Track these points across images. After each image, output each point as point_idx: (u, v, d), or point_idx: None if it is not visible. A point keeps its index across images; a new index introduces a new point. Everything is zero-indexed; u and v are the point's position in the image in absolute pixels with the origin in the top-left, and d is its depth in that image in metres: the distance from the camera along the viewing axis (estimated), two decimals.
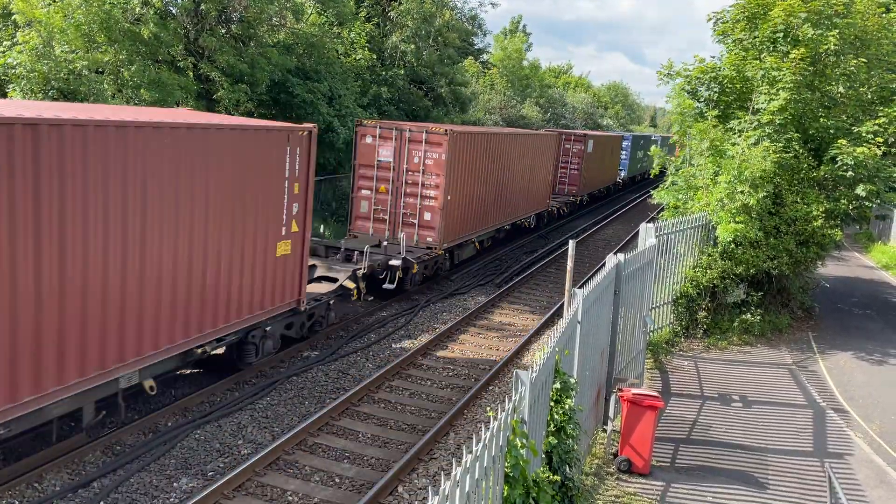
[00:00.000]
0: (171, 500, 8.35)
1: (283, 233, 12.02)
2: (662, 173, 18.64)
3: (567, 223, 31.80)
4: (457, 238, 19.15)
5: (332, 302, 14.27)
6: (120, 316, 8.92)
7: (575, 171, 33.04)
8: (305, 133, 12.25)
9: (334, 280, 14.88)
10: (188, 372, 11.78)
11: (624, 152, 44.50)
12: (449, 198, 17.93)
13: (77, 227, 8.14)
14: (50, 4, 16.13)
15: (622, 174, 44.75)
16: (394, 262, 16.20)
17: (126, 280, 8.93)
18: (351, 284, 15.12)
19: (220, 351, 11.44)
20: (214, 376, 11.67)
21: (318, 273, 15.18)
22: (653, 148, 18.44)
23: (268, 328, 12.01)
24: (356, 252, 16.06)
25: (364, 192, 18.19)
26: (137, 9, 17.58)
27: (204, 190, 10.08)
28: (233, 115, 19.07)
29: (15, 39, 15.33)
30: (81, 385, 8.52)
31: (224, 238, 10.63)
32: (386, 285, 16.18)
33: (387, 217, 18.10)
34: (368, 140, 17.91)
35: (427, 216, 17.87)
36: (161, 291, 9.56)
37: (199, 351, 10.45)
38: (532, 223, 26.30)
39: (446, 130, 17.67)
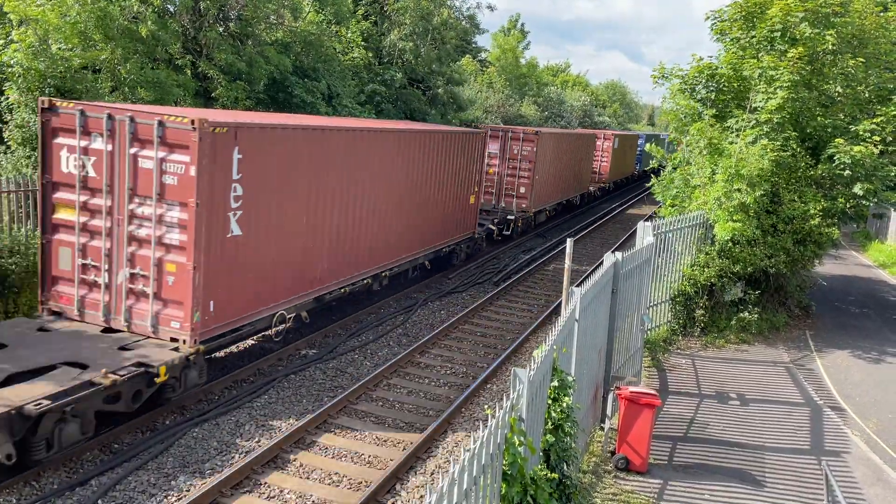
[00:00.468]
0: (169, 498, 8.35)
1: (474, 190, 20.68)
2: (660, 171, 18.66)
3: (600, 203, 40.52)
4: (542, 204, 27.36)
5: (484, 235, 22.71)
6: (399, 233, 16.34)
7: (605, 163, 40.38)
8: (482, 134, 20.63)
9: (483, 225, 22.70)
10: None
11: (639, 148, 51.89)
12: (536, 177, 25.82)
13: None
14: (44, 2, 16.09)
15: (637, 167, 52.25)
16: (510, 217, 24.83)
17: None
18: (493, 227, 23.46)
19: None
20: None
21: None
22: (648, 145, 18.48)
23: (462, 245, 20.56)
24: (486, 212, 24.30)
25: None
26: (136, 7, 17.53)
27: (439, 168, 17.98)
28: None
29: (10, 37, 15.29)
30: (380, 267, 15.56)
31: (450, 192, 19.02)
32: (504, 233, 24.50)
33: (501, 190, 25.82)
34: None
35: (521, 189, 25.65)
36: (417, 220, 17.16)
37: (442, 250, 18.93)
38: (577, 201, 35.06)
39: (536, 132, 25.44)
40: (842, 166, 15.44)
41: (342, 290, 13.97)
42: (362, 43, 28.86)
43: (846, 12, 16.14)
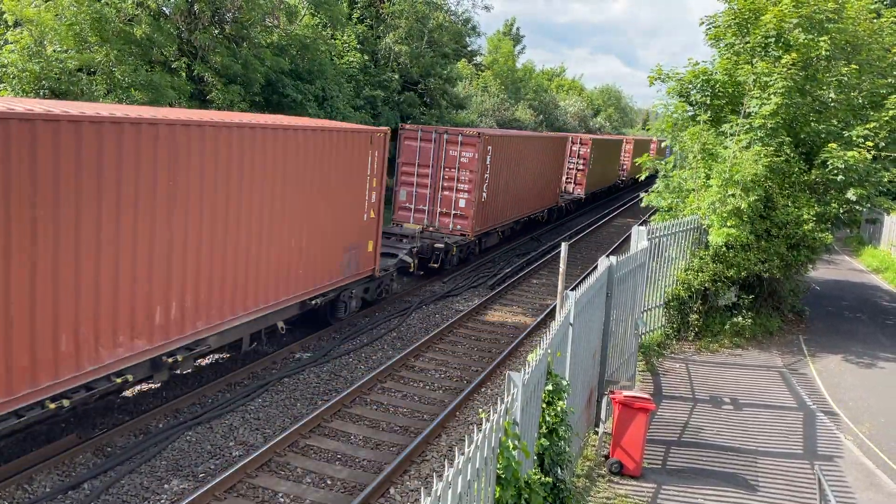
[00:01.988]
0: (162, 501, 8.32)
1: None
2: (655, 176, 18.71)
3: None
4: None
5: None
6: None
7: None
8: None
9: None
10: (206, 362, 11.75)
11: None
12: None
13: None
14: (41, 3, 16.06)
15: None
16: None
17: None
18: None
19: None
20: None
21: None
22: (644, 155, 18.52)
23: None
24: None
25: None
26: (131, 9, 17.52)
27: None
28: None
29: (5, 38, 15.26)
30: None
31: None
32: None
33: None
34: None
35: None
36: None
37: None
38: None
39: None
40: (835, 171, 15.50)
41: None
42: (358, 46, 28.87)
43: (840, 18, 16.22)
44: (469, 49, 49.82)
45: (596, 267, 10.43)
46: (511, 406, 5.90)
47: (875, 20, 17.30)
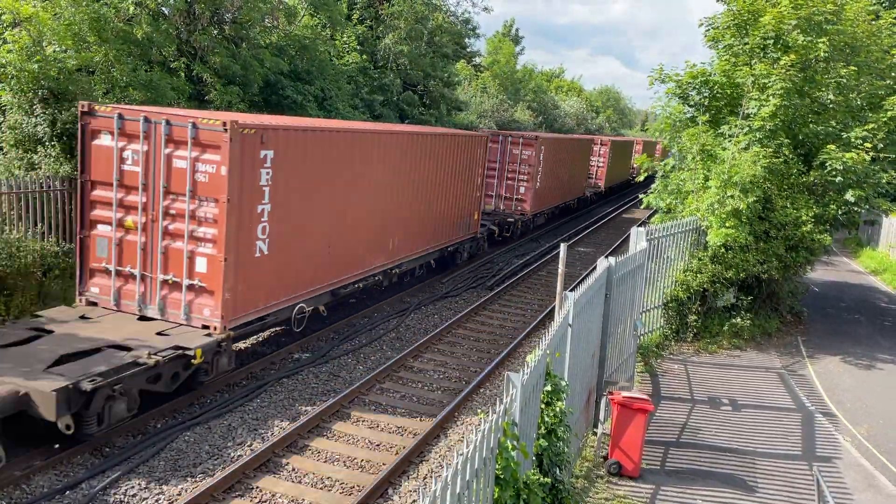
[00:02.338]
0: (160, 502, 8.31)
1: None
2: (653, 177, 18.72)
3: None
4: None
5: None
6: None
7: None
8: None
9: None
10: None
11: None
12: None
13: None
14: (39, 3, 16.04)
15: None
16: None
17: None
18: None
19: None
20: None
21: None
22: (637, 157, 18.55)
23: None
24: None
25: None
26: (131, 9, 17.49)
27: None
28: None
29: (3, 38, 15.23)
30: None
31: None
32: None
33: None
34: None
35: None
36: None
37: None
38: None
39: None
40: (834, 173, 15.52)
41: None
42: (357, 47, 28.86)
43: (838, 20, 16.24)
44: (468, 50, 49.83)
45: (595, 267, 10.44)
46: (510, 407, 5.90)
47: (874, 22, 17.33)
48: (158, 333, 10.46)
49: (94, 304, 11.38)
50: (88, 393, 8.60)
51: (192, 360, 10.07)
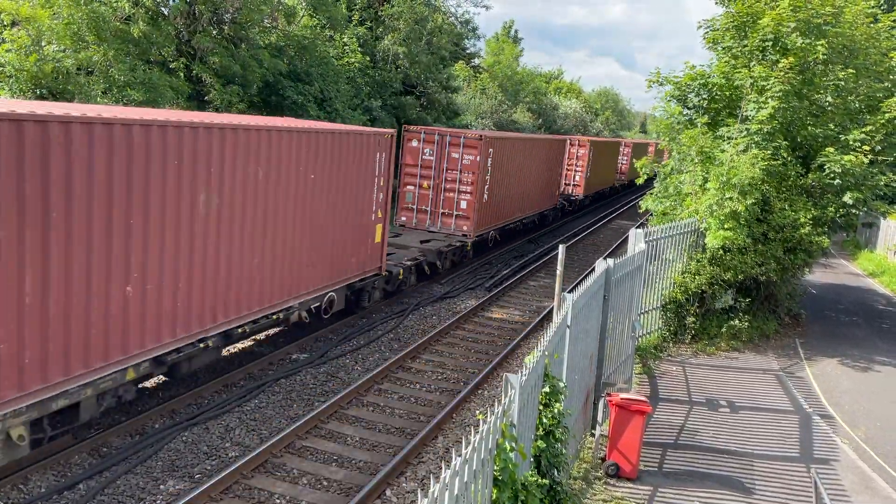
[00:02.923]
0: (158, 502, 8.30)
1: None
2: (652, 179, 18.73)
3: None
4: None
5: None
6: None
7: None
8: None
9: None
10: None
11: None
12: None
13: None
14: (38, 2, 16.04)
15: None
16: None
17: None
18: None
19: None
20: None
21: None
22: (643, 159, 18.53)
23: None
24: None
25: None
26: (127, 7, 17.50)
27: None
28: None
29: (2, 38, 15.23)
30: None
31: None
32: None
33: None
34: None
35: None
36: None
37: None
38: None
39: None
40: (832, 175, 15.54)
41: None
42: (358, 48, 28.87)
43: (837, 23, 16.27)
44: (467, 51, 49.85)
45: (593, 269, 10.44)
46: (508, 408, 5.90)
47: (872, 24, 17.35)
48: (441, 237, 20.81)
49: (403, 226, 21.57)
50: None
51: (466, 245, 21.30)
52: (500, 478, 5.55)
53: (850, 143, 15.75)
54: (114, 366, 8.97)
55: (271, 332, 13.88)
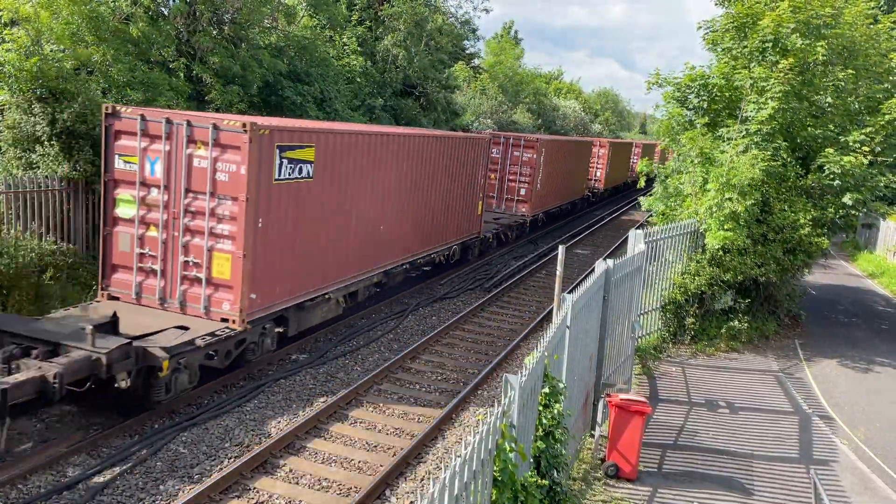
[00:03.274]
0: (157, 502, 8.30)
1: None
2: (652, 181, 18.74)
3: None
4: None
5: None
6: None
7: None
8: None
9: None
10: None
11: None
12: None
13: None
14: (37, 1, 16.02)
15: None
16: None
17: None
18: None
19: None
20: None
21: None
22: (643, 160, 18.53)
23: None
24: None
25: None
26: (125, 6, 17.47)
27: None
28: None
29: (1, 37, 15.21)
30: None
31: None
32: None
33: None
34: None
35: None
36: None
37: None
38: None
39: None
40: (831, 176, 15.55)
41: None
42: (358, 48, 28.85)
43: (837, 24, 16.28)
44: (467, 52, 49.82)
45: (594, 270, 10.45)
46: (508, 409, 5.90)
47: (872, 25, 17.37)
48: None
49: None
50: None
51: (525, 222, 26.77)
52: (499, 478, 5.55)
53: (850, 144, 15.76)
54: (373, 271, 15.47)
55: (276, 330, 13.85)
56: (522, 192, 26.79)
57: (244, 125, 10.70)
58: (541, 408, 7.19)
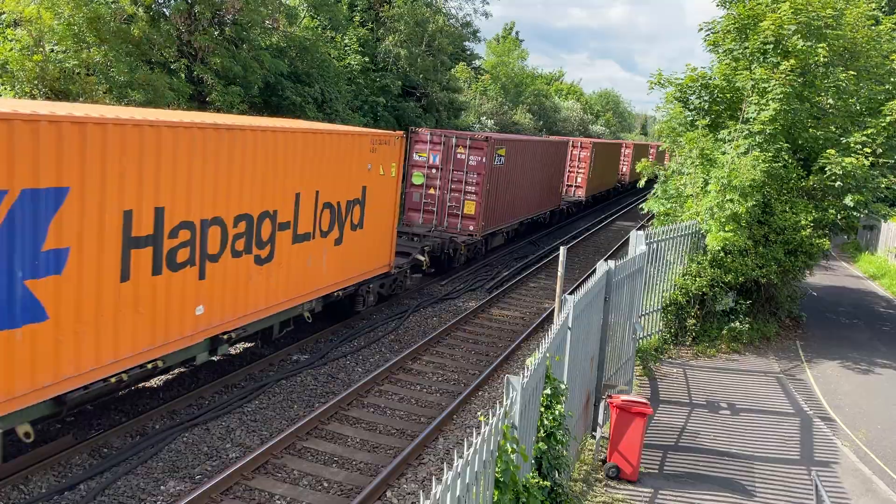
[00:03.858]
0: (158, 503, 8.30)
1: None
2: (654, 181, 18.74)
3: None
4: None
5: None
6: None
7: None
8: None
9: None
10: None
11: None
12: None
13: None
14: (40, 2, 16.06)
15: None
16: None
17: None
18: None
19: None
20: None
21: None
22: (643, 161, 18.52)
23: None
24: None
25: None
26: (128, 9, 17.50)
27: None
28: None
29: (5, 37, 15.24)
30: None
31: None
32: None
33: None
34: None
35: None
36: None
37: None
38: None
39: (486, 137, 22.28)
40: (833, 177, 15.54)
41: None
42: (359, 49, 28.88)
43: (838, 25, 16.27)
44: (468, 53, 49.85)
45: (594, 271, 10.45)
46: (510, 410, 5.90)
47: (873, 27, 17.36)
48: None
49: None
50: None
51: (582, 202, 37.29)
52: (501, 479, 5.55)
53: (851, 145, 15.75)
54: (517, 220, 25.66)
55: None
56: (579, 179, 33.19)
57: (486, 138, 21.21)
58: (542, 409, 7.18)
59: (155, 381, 11.33)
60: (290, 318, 12.78)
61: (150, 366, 9.35)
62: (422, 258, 18.47)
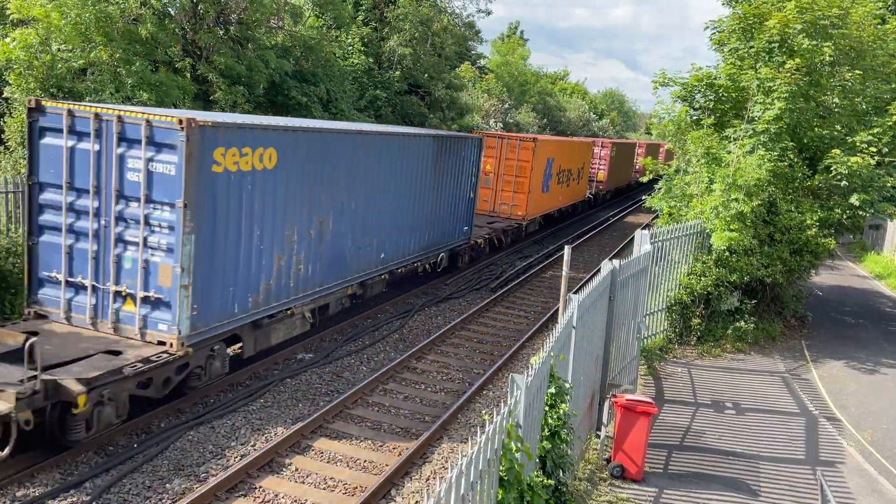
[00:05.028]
0: (164, 501, 8.33)
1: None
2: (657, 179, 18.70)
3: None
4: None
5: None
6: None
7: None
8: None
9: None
10: None
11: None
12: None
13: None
14: (47, 2, 16.10)
15: None
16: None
17: None
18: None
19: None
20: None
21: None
22: (647, 158, 18.49)
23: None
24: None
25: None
26: (135, 8, 17.54)
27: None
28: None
29: (13, 36, 15.30)
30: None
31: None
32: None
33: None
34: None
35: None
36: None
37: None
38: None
39: (534, 138, 26.84)
40: (838, 177, 15.50)
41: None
42: (362, 48, 28.89)
43: (844, 24, 16.22)
44: (472, 52, 49.82)
45: (599, 270, 10.44)
46: (514, 408, 5.90)
47: (879, 26, 17.30)
48: None
49: None
50: None
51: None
52: (505, 478, 5.55)
53: (857, 144, 15.70)
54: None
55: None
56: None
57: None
58: (546, 408, 7.19)
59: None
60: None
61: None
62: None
